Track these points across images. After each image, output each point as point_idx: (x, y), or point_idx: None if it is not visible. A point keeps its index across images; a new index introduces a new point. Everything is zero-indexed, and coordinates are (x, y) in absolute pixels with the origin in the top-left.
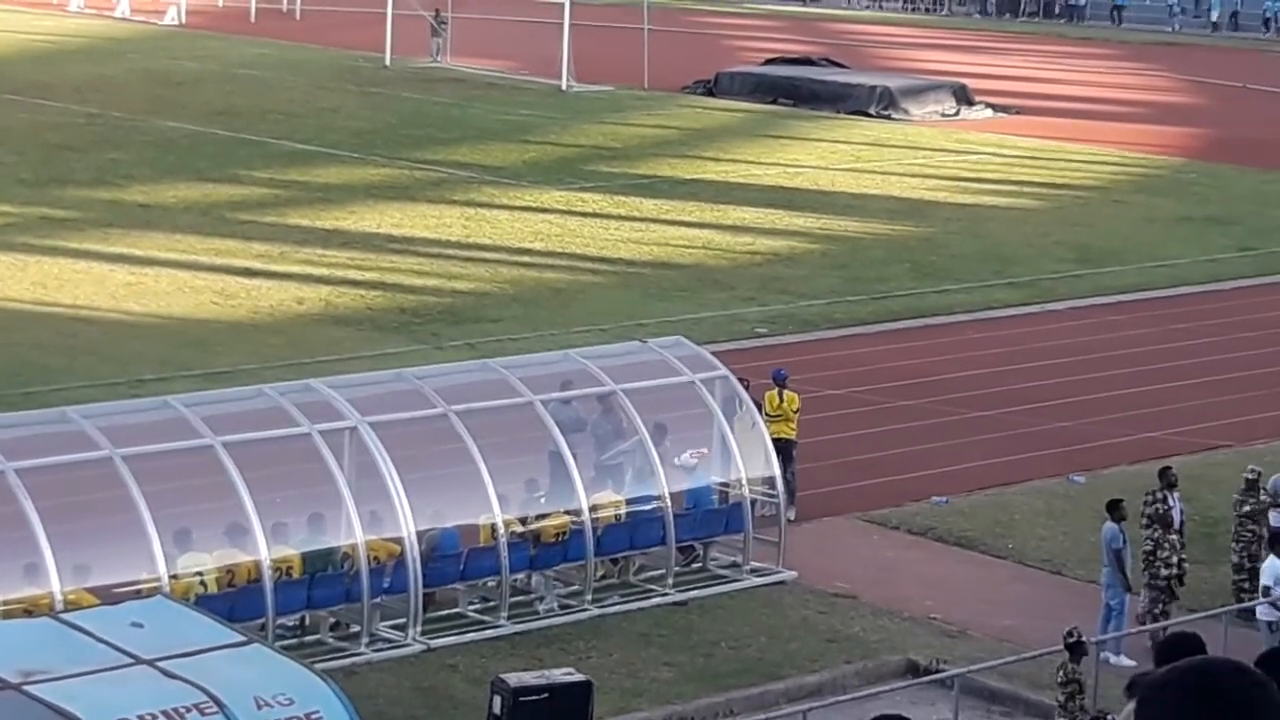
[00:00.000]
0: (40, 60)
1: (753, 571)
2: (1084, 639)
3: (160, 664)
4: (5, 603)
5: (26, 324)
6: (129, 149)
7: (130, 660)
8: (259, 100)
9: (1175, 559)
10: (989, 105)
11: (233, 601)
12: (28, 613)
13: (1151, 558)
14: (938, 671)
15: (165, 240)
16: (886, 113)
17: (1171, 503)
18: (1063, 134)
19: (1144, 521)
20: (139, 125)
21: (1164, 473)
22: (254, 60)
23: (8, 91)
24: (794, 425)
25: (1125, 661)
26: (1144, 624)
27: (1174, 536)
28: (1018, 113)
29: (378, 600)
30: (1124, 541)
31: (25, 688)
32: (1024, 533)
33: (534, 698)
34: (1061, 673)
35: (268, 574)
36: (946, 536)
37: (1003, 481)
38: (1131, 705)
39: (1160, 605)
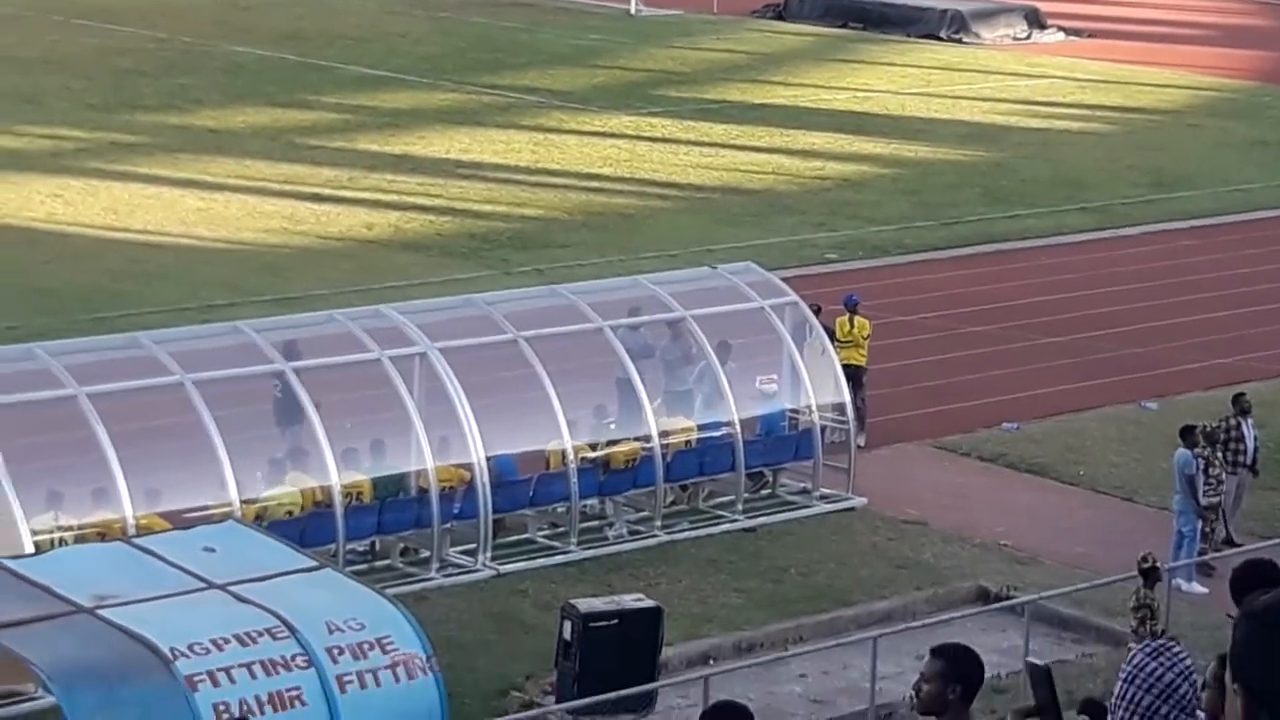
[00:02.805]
0: None
1: (822, 498)
2: (1158, 564)
3: (232, 588)
4: (79, 527)
5: (98, 250)
6: (198, 74)
7: (202, 585)
8: (327, 25)
9: (1222, 475)
10: (1061, 29)
11: (303, 526)
12: (100, 537)
13: (1203, 475)
14: (1008, 598)
15: (235, 166)
16: (957, 36)
17: (1245, 429)
18: (1135, 57)
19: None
20: (208, 50)
21: (1237, 399)
22: None
23: (76, 16)
24: (864, 351)
25: (1197, 589)
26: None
27: (1221, 455)
28: (1090, 36)
29: (448, 526)
30: (1196, 468)
31: (98, 611)
32: (1096, 459)
33: (604, 624)
34: (1134, 598)
35: (338, 499)
36: (1018, 463)
37: (1074, 408)
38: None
39: (1209, 525)
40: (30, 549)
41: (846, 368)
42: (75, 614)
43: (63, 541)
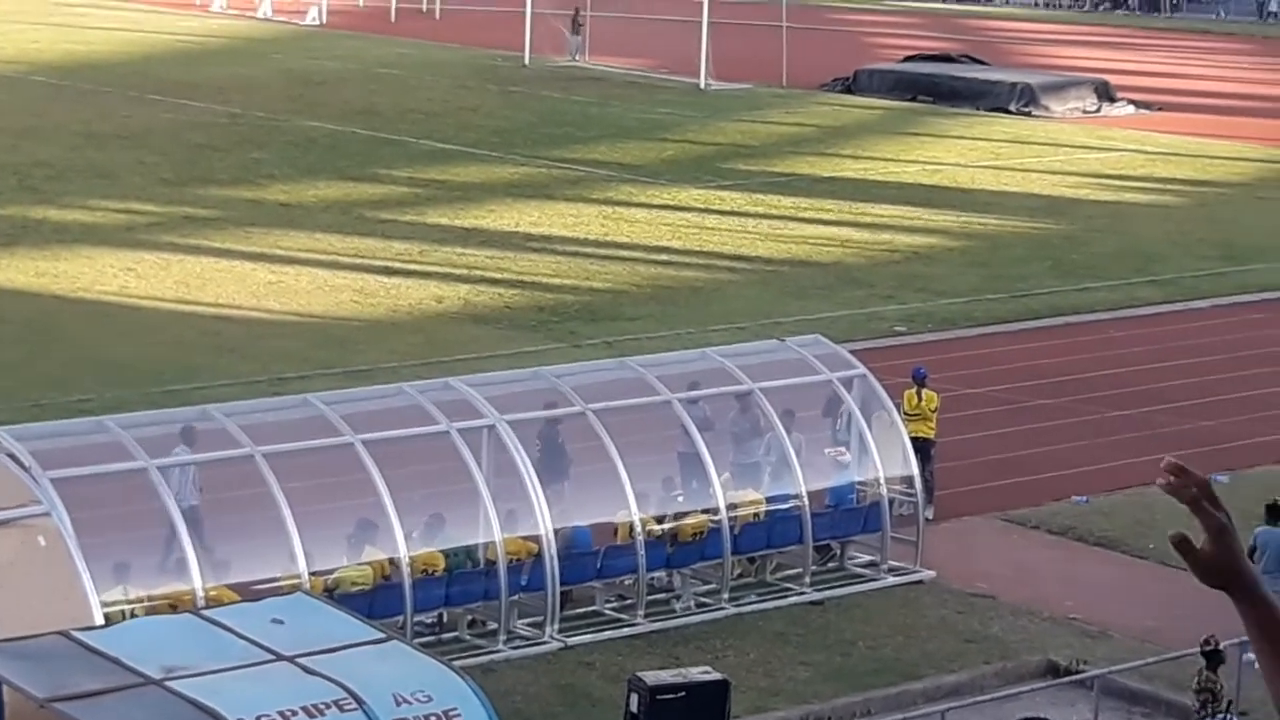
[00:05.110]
0: (183, 61)
1: (890, 571)
2: (1221, 647)
3: (300, 660)
4: (149, 598)
5: (169, 323)
6: (270, 148)
7: (270, 657)
8: (399, 99)
9: None
10: (1131, 101)
11: (371, 599)
12: (170, 608)
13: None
14: (1078, 672)
15: (306, 239)
16: (1027, 109)
17: None
18: (1205, 130)
19: None
20: (280, 125)
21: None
22: (394, 60)
23: (151, 92)
24: (933, 424)
25: None
26: None
27: None
28: (1160, 109)
29: (515, 598)
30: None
31: (167, 683)
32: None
33: (671, 696)
34: (1196, 680)
35: (406, 571)
36: (1087, 536)
37: (1144, 481)
38: None
39: None
40: (100, 620)
41: (914, 440)
42: (144, 685)
43: (133, 613)
